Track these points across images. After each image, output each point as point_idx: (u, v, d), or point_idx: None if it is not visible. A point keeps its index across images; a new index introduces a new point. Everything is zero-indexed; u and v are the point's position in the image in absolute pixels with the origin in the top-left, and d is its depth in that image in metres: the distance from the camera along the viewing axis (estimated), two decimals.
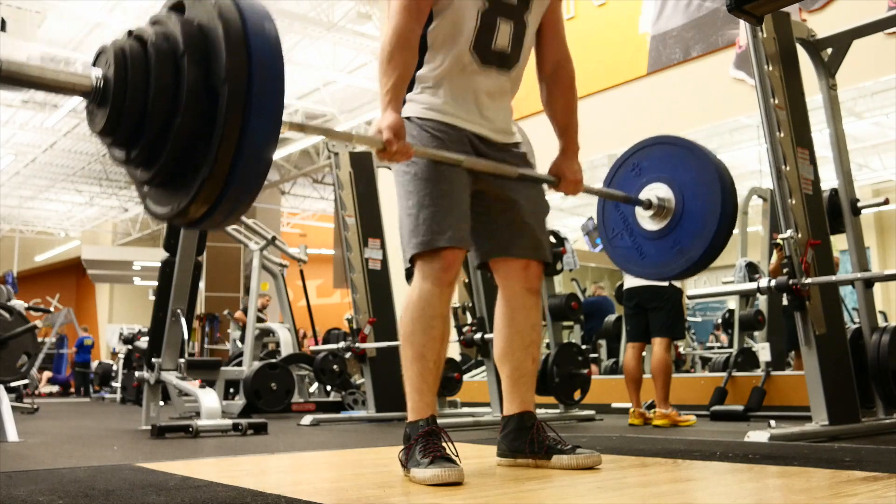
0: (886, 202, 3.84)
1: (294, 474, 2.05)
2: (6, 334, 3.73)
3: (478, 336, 4.47)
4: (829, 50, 3.60)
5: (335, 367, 5.93)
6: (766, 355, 4.82)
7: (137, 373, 5.18)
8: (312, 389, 7.16)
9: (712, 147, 11.86)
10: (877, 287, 4.79)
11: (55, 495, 1.51)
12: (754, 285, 3.33)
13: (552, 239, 4.76)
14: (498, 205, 1.96)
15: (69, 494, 1.53)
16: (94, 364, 13.16)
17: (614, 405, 5.44)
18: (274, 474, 2.03)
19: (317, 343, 7.45)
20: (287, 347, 7.10)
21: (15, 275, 10.61)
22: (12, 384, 6.19)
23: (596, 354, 7.09)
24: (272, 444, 3.34)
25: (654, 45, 6.53)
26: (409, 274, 2.02)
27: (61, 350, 15.03)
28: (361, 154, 5.32)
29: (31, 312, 6.10)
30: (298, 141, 13.18)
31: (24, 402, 7.05)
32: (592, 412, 4.72)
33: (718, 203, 2.14)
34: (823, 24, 3.91)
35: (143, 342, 7.09)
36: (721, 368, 6.19)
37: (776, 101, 3.18)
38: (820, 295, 3.12)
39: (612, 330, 7.06)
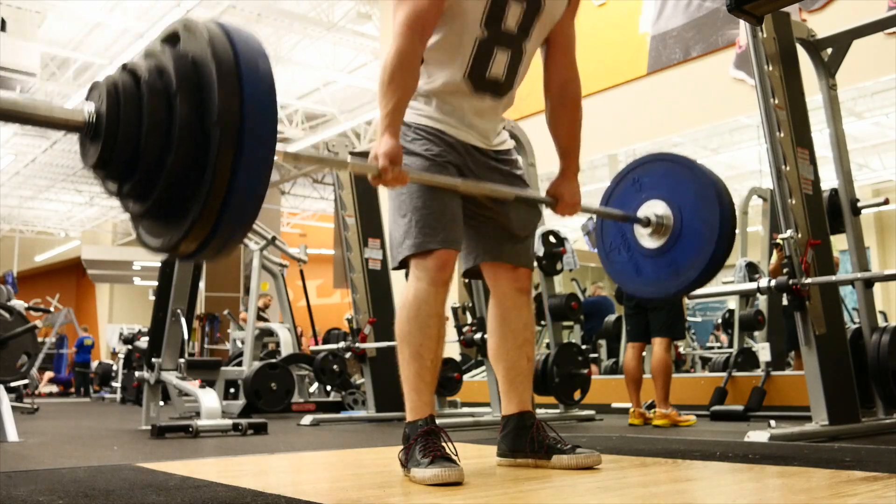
0: (886, 202, 3.84)
1: (294, 474, 2.06)
2: (6, 334, 3.73)
3: (478, 336, 4.47)
4: (829, 50, 3.60)
5: (335, 367, 5.92)
6: (766, 355, 4.82)
7: (137, 373, 5.18)
8: (312, 389, 7.16)
9: (712, 147, 11.93)
10: (877, 287, 4.79)
11: (55, 495, 1.51)
12: (754, 285, 3.33)
13: (552, 239, 4.77)
14: (487, 211, 1.97)
15: (69, 494, 1.53)
16: (94, 364, 13.16)
17: (614, 405, 5.44)
18: (274, 474, 2.03)
19: (317, 343, 7.45)
20: (287, 347, 7.10)
21: (15, 275, 10.61)
22: (12, 384, 6.19)
23: (596, 354, 7.09)
24: (272, 444, 3.34)
25: (654, 45, 6.53)
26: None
27: (61, 350, 15.03)
28: (361, 154, 5.32)
29: (31, 312, 6.10)
30: (298, 141, 13.18)
31: (24, 402, 7.05)
32: (592, 412, 4.72)
33: (717, 226, 2.12)
34: (823, 24, 3.91)
35: (143, 342, 7.09)
36: (721, 368, 6.19)
37: (776, 101, 3.18)
38: (820, 295, 3.12)
39: (612, 330, 7.06)
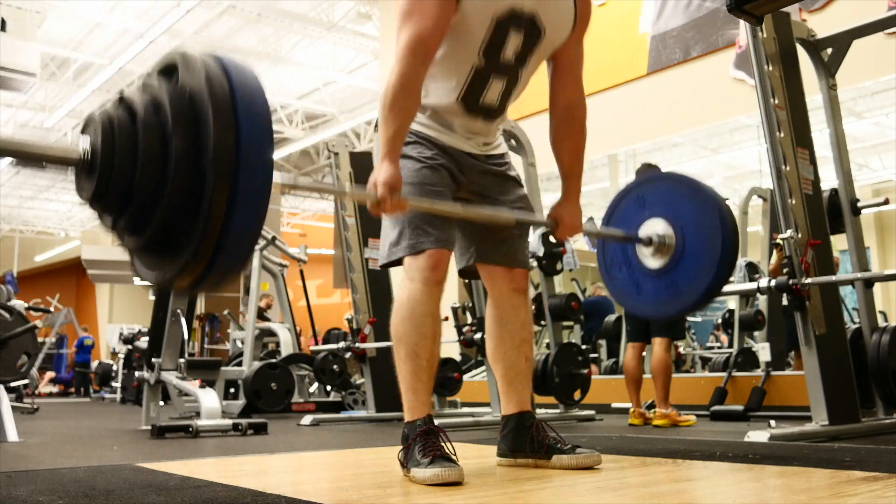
0: (886, 202, 3.83)
1: (294, 474, 2.06)
2: (6, 334, 3.73)
3: (478, 336, 4.46)
4: (829, 50, 3.60)
5: (335, 367, 5.92)
6: (766, 355, 4.82)
7: (137, 373, 5.18)
8: (312, 389, 7.16)
9: (712, 147, 11.91)
10: (877, 287, 4.79)
11: (55, 495, 1.51)
12: (754, 285, 3.33)
13: (552, 239, 4.77)
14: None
15: (69, 494, 1.53)
16: (94, 364, 13.16)
17: (614, 405, 5.44)
18: (274, 474, 2.03)
19: (317, 343, 7.45)
20: (287, 347, 7.10)
21: (15, 275, 10.61)
22: (12, 384, 6.19)
23: (596, 354, 7.09)
24: (272, 444, 3.34)
25: (654, 45, 6.53)
26: None
27: (61, 350, 15.03)
28: (361, 154, 5.33)
29: (31, 312, 6.09)
30: (298, 141, 13.17)
31: (24, 402, 7.05)
32: (592, 412, 4.72)
33: (718, 250, 2.11)
34: (823, 24, 3.91)
35: (143, 342, 7.09)
36: (721, 368, 6.19)
37: (776, 101, 3.18)
38: (820, 295, 3.12)
39: (612, 330, 7.06)
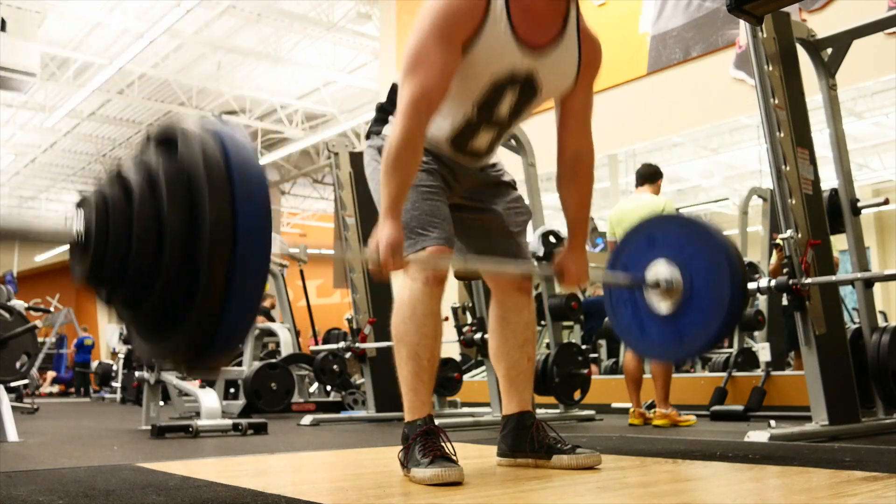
0: (886, 202, 3.83)
1: (294, 474, 2.06)
2: (6, 334, 3.73)
3: (478, 336, 4.46)
4: (829, 50, 3.60)
5: (335, 367, 5.92)
6: (766, 355, 4.82)
7: (137, 373, 5.17)
8: (312, 389, 7.16)
9: (712, 147, 11.91)
10: (877, 287, 4.79)
11: (55, 495, 1.51)
12: (754, 285, 3.33)
13: (552, 239, 4.77)
14: (477, 213, 2.00)
15: (69, 494, 1.53)
16: (94, 364, 13.16)
17: (614, 405, 5.44)
18: (274, 474, 2.03)
19: (317, 343, 7.45)
20: (287, 347, 7.10)
21: (15, 275, 10.60)
22: (12, 384, 6.18)
23: (596, 354, 7.08)
24: (272, 444, 3.33)
25: (654, 45, 6.53)
26: None
27: (61, 350, 15.03)
28: (361, 154, 5.31)
29: (31, 312, 6.09)
30: (298, 141, 13.17)
31: (24, 402, 7.04)
32: (592, 412, 4.72)
33: (726, 304, 2.08)
34: (823, 24, 3.91)
35: None
36: (721, 368, 6.18)
37: (776, 101, 3.18)
38: (820, 295, 3.12)
39: (612, 330, 7.05)
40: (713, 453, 2.19)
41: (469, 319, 4.77)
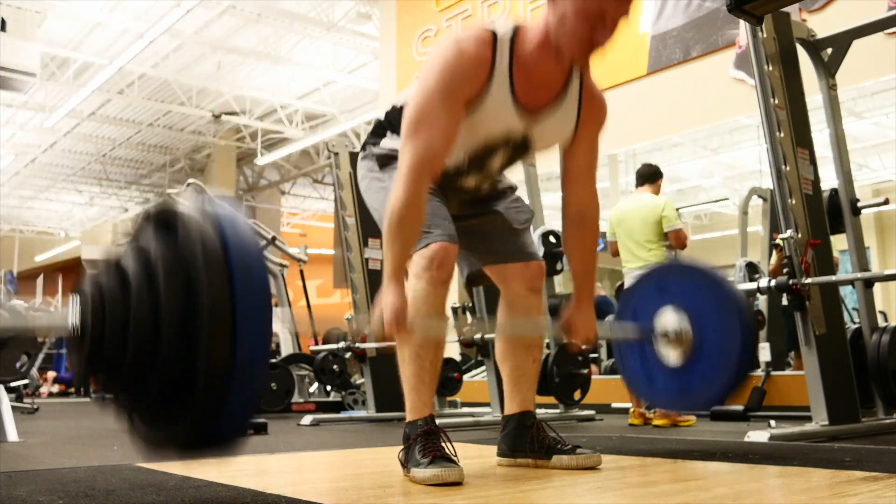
0: (886, 202, 3.83)
1: (294, 474, 2.06)
2: (6, 334, 3.73)
3: (478, 336, 4.46)
4: (829, 50, 3.60)
5: (335, 367, 5.92)
6: (766, 355, 4.81)
7: None
8: (312, 389, 7.16)
9: (712, 147, 11.90)
10: (877, 287, 4.78)
11: (55, 495, 1.51)
12: (754, 285, 3.33)
13: (552, 239, 4.77)
14: (478, 218, 2.00)
15: (69, 494, 1.53)
16: None
17: (614, 405, 5.44)
18: (274, 474, 2.03)
19: (317, 343, 7.45)
20: (287, 347, 7.10)
21: (15, 275, 10.61)
22: (12, 384, 6.19)
23: (596, 354, 7.08)
24: (272, 444, 3.33)
25: (654, 45, 6.52)
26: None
27: (61, 350, 15.02)
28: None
29: (31, 312, 6.09)
30: (298, 141, 13.17)
31: (24, 402, 7.04)
32: (592, 412, 4.72)
33: (735, 363, 2.09)
34: (823, 24, 3.91)
35: None
36: None
37: (776, 101, 3.18)
38: (820, 295, 3.12)
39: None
40: (713, 453, 2.19)
41: (469, 319, 4.77)
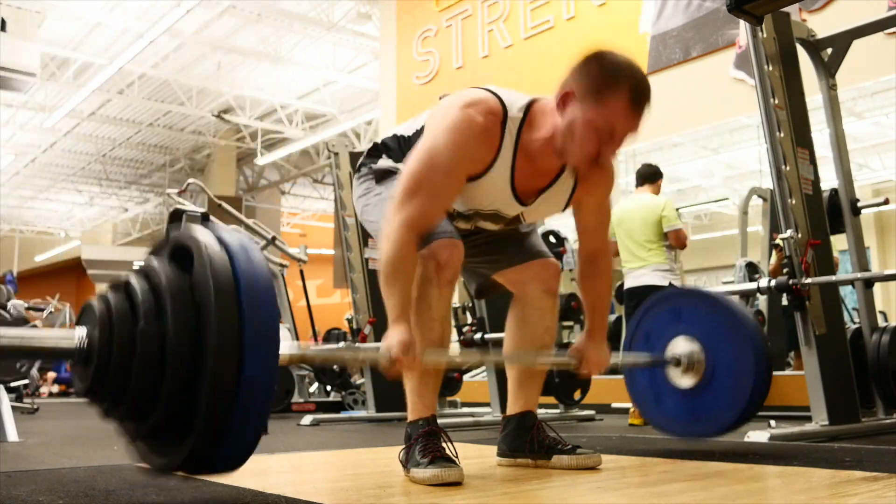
0: (886, 202, 3.83)
1: (294, 474, 2.05)
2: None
3: (478, 336, 4.46)
4: (829, 50, 3.60)
5: (335, 367, 5.92)
6: None
7: None
8: (312, 389, 7.16)
9: (712, 147, 11.88)
10: (877, 287, 4.78)
11: (55, 495, 1.51)
12: (754, 285, 3.33)
13: (552, 239, 4.77)
14: (492, 228, 1.99)
15: (69, 494, 1.53)
16: None
17: (614, 405, 5.44)
18: (274, 474, 2.02)
19: (317, 343, 7.44)
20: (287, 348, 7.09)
21: (15, 275, 10.61)
22: (12, 384, 6.18)
23: None
24: (272, 444, 3.33)
25: (654, 45, 6.52)
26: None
27: (52, 360, 14.99)
28: (361, 154, 5.32)
29: (31, 312, 6.10)
30: (298, 141, 13.17)
31: (24, 402, 7.04)
32: (592, 412, 4.72)
33: (746, 395, 2.08)
34: (823, 24, 3.90)
35: None
36: None
37: (776, 101, 3.18)
38: (820, 295, 3.12)
39: (613, 330, 7.05)
40: (713, 453, 2.19)
41: (469, 319, 4.77)
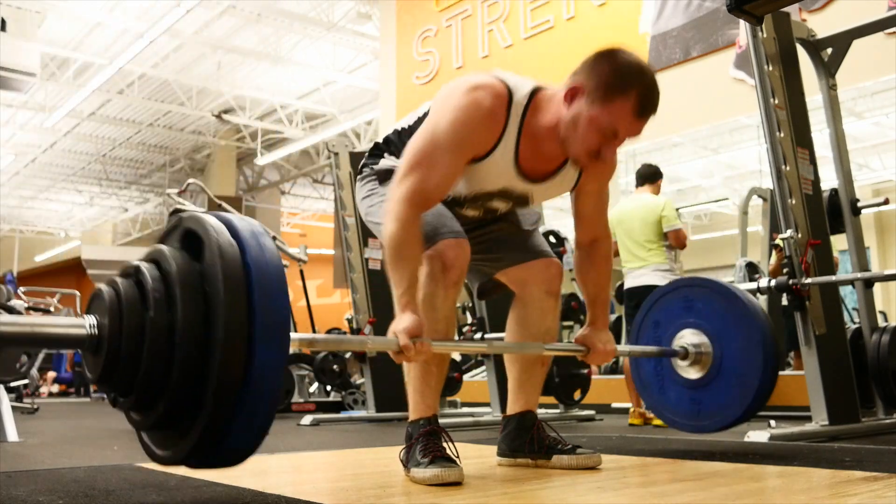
0: (886, 202, 3.83)
1: (294, 474, 2.05)
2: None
3: (478, 336, 4.46)
4: (829, 50, 3.60)
5: (335, 367, 5.92)
6: None
7: None
8: (312, 389, 7.16)
9: (712, 147, 11.88)
10: (877, 287, 4.79)
11: (55, 495, 1.51)
12: (754, 285, 3.33)
13: (552, 239, 4.77)
14: (487, 226, 1.99)
15: (69, 494, 1.53)
16: None
17: (614, 405, 5.44)
18: (274, 474, 2.02)
19: None
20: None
21: (15, 275, 10.61)
22: (12, 384, 6.19)
23: None
24: (272, 444, 3.33)
25: (654, 45, 6.52)
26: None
27: (61, 350, 15.01)
28: (361, 154, 5.32)
29: (32, 312, 6.10)
30: (298, 141, 13.17)
31: (24, 402, 7.04)
32: (592, 412, 4.72)
33: (751, 393, 2.08)
34: (823, 24, 3.91)
35: None
36: None
37: (776, 101, 3.18)
38: (820, 295, 3.12)
39: (612, 330, 7.04)
40: (713, 453, 2.19)
41: (469, 319, 4.78)
